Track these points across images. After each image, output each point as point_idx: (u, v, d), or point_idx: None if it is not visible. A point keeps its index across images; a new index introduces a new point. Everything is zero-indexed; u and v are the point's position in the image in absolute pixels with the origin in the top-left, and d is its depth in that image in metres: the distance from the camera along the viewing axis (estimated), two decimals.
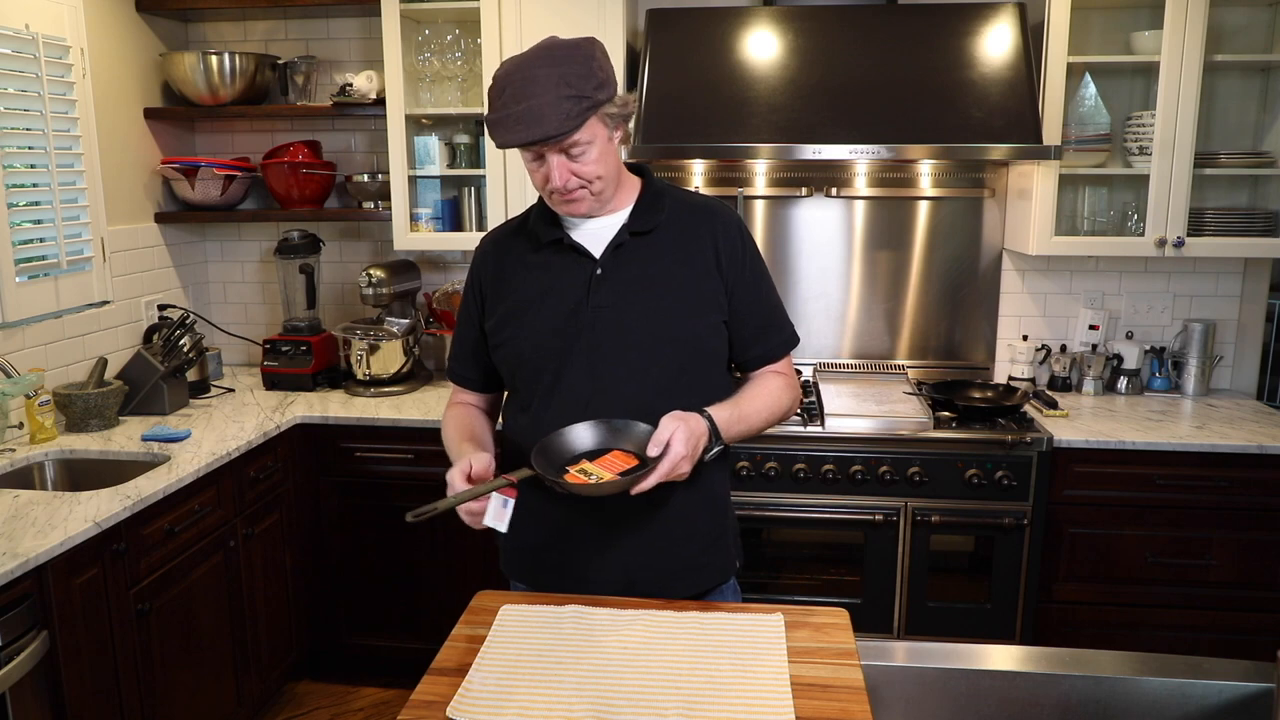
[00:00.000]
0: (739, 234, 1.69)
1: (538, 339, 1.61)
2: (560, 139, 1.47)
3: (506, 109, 1.46)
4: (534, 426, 1.60)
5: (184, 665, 2.37)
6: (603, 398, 1.58)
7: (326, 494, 2.94)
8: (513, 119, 1.45)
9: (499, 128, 1.47)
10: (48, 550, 1.88)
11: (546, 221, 1.64)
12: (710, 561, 1.71)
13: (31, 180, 2.66)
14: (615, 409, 1.56)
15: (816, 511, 2.71)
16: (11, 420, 2.55)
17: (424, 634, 2.88)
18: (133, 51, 3.10)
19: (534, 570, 1.72)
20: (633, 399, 1.57)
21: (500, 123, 1.47)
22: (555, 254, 1.63)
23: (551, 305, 1.60)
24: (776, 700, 1.32)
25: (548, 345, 1.60)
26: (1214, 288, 3.14)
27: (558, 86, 1.44)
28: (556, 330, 1.59)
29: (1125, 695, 1.50)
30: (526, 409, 1.65)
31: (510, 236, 1.70)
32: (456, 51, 3.06)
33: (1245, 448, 2.59)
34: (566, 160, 1.51)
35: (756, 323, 1.68)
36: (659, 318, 1.59)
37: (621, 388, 1.58)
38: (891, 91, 2.73)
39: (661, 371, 1.59)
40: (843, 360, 3.28)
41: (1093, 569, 2.70)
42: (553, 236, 1.62)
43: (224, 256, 3.52)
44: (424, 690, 1.37)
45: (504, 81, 1.47)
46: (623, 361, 1.58)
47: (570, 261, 1.61)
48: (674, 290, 1.61)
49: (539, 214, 1.66)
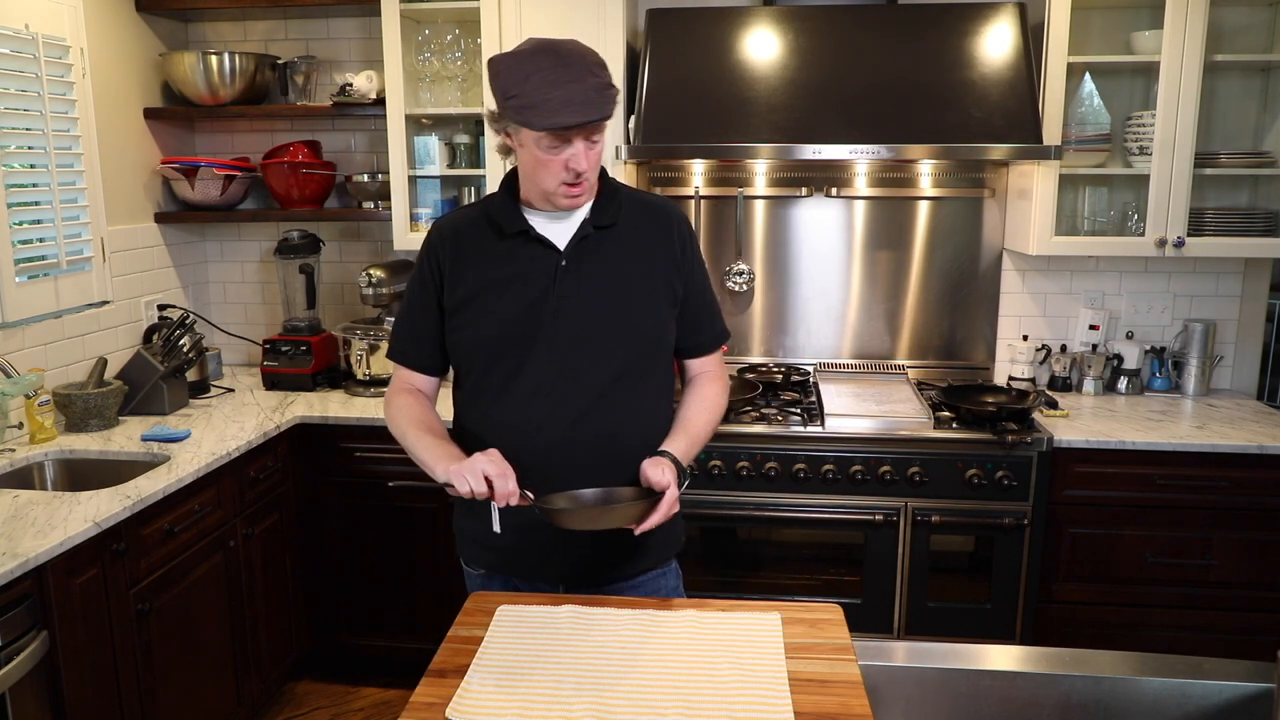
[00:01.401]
0: (689, 231, 1.79)
1: (503, 323, 1.65)
2: (601, 122, 1.54)
3: (544, 94, 1.48)
4: (496, 411, 1.67)
5: (184, 665, 2.37)
6: (565, 384, 1.64)
7: (326, 494, 2.94)
8: (560, 102, 1.48)
9: (543, 111, 1.49)
10: (48, 550, 1.88)
11: (510, 214, 1.68)
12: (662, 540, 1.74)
13: (31, 180, 2.66)
14: (575, 396, 1.64)
15: (816, 511, 2.71)
16: (11, 420, 2.55)
17: (424, 634, 2.88)
18: (132, 51, 3.10)
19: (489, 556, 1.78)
20: (593, 386, 1.64)
21: (544, 105, 1.48)
22: (520, 245, 1.67)
23: (516, 292, 1.65)
24: (775, 697, 1.32)
25: (513, 331, 1.64)
26: (1214, 288, 3.14)
27: (590, 75, 1.51)
28: (520, 317, 1.64)
29: (1125, 695, 1.50)
30: (483, 394, 1.69)
31: (468, 225, 1.72)
32: (456, 51, 3.06)
33: (1245, 448, 2.59)
34: (587, 146, 1.56)
35: (696, 314, 1.78)
36: (620, 309, 1.67)
37: (582, 376, 1.64)
38: (891, 91, 2.72)
39: (621, 361, 1.66)
40: (843, 360, 3.28)
41: (1093, 569, 2.70)
42: (519, 227, 1.67)
43: (224, 256, 3.52)
44: (423, 692, 1.37)
45: (527, 70, 1.50)
46: (585, 350, 1.64)
47: (535, 252, 1.66)
48: (633, 283, 1.69)
49: (501, 206, 1.70)
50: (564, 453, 1.64)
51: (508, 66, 1.52)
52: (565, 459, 1.64)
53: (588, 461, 1.64)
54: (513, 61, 1.52)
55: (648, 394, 1.70)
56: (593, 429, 1.65)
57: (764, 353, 3.32)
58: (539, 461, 1.63)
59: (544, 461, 1.63)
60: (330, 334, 3.27)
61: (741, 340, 3.31)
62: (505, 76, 1.52)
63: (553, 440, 1.64)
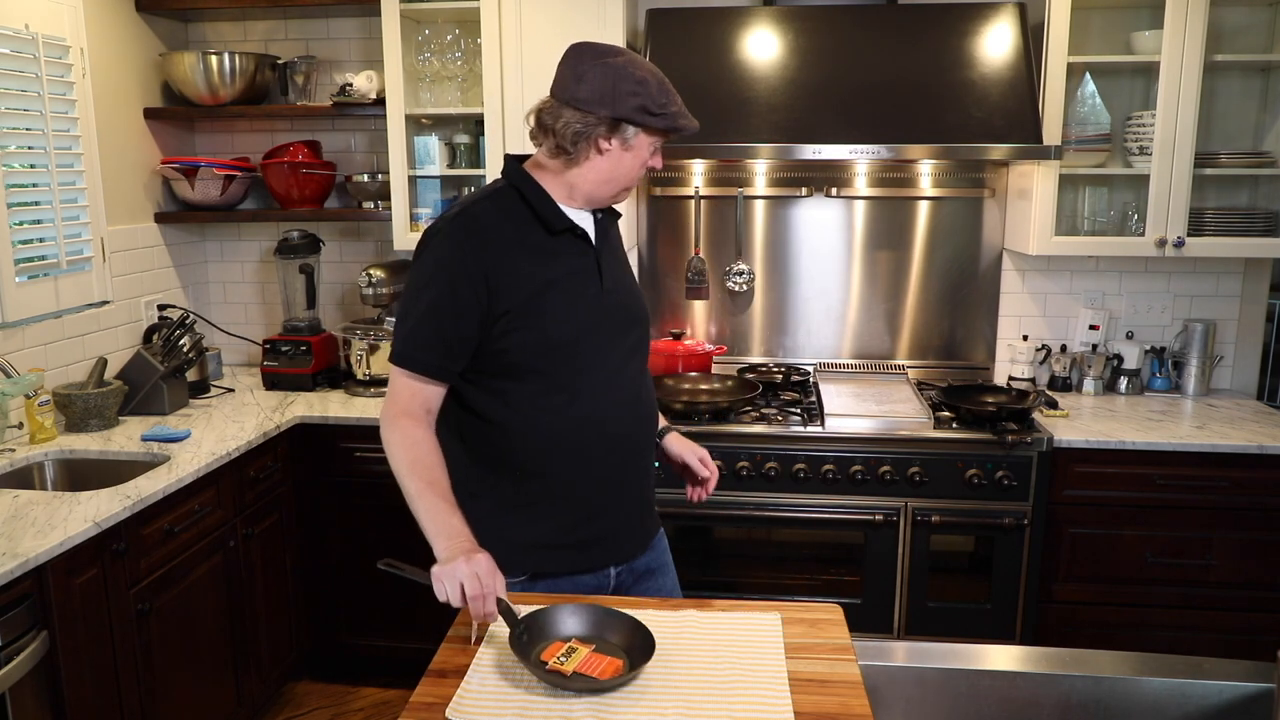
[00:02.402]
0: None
1: (573, 321, 1.65)
2: None
3: (676, 103, 1.63)
4: (571, 408, 1.65)
5: (184, 665, 2.37)
6: (623, 372, 1.72)
7: (326, 494, 2.94)
8: (685, 113, 1.64)
9: (681, 118, 1.63)
10: (47, 550, 1.88)
11: (554, 210, 1.68)
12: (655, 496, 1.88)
13: (31, 180, 2.66)
14: (630, 381, 1.72)
15: (816, 511, 2.71)
16: (11, 420, 2.55)
17: (423, 634, 2.87)
18: (133, 51, 3.10)
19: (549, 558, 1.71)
20: (639, 368, 1.76)
21: (681, 114, 1.63)
22: (566, 241, 1.68)
23: (577, 288, 1.67)
24: (775, 697, 1.32)
25: (584, 326, 1.66)
26: (1214, 288, 3.14)
27: None
28: (587, 312, 1.67)
29: (1125, 695, 1.50)
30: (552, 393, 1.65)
31: (501, 222, 1.65)
32: (456, 51, 3.06)
33: (1245, 448, 2.59)
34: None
35: None
36: (634, 291, 1.81)
37: (631, 361, 1.73)
38: (891, 91, 2.73)
39: (644, 340, 1.80)
40: (843, 360, 3.28)
41: (1093, 569, 2.70)
42: (566, 224, 1.68)
43: (224, 256, 3.52)
44: (423, 692, 1.37)
45: (661, 82, 1.62)
46: (629, 335, 1.74)
47: (577, 247, 1.70)
48: (628, 266, 1.85)
49: (541, 200, 1.66)
50: (632, 438, 1.73)
51: (652, 78, 1.60)
52: (632, 444, 1.73)
53: (643, 442, 1.77)
54: (650, 73, 1.61)
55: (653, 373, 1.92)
56: (645, 409, 1.76)
57: (764, 353, 3.32)
58: (610, 450, 1.70)
59: (615, 448, 1.70)
60: (330, 334, 3.27)
61: (741, 340, 3.31)
62: (649, 83, 1.59)
63: (623, 428, 1.71)
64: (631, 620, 1.46)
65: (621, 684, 1.34)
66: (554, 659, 1.37)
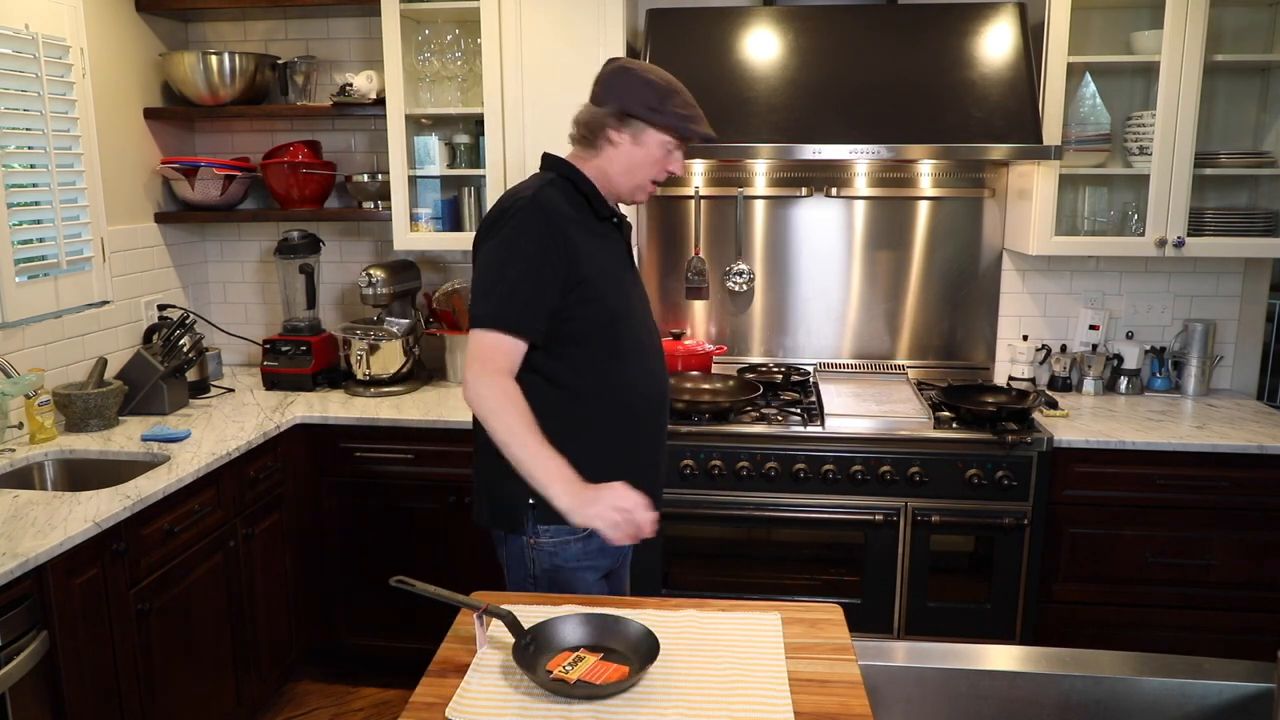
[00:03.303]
0: None
1: (621, 295, 1.88)
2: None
3: (694, 110, 1.84)
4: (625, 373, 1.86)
5: (184, 665, 2.37)
6: (653, 344, 1.96)
7: (326, 494, 2.94)
8: (700, 119, 1.85)
9: (700, 122, 1.84)
10: (48, 550, 1.88)
11: (602, 201, 1.89)
12: None
13: (31, 180, 2.66)
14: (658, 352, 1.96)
15: (816, 511, 2.71)
16: (11, 420, 2.55)
17: (424, 634, 2.86)
18: (133, 51, 3.10)
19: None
20: (657, 348, 1.98)
21: (696, 118, 1.84)
22: (610, 227, 1.92)
23: (620, 267, 1.92)
24: (775, 697, 1.32)
25: (628, 299, 1.90)
26: (1214, 288, 3.14)
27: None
28: (628, 289, 1.91)
29: (1125, 695, 1.50)
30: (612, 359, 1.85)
31: (568, 206, 1.84)
32: (456, 51, 3.06)
33: (1245, 448, 2.59)
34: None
35: None
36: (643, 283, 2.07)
37: (654, 334, 1.98)
38: (891, 91, 2.73)
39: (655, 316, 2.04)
40: (843, 360, 3.28)
41: (1093, 569, 2.70)
42: (610, 211, 1.91)
43: (224, 256, 3.52)
44: (423, 692, 1.37)
45: (674, 87, 1.84)
46: (648, 318, 1.98)
47: (616, 233, 1.94)
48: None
49: (594, 193, 1.88)
50: (664, 401, 1.99)
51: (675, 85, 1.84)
52: (663, 406, 1.99)
53: (668, 404, 2.04)
54: (671, 80, 1.84)
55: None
56: (668, 376, 2.04)
57: (764, 353, 3.32)
58: (650, 410, 1.92)
59: (656, 410, 1.94)
60: (330, 334, 3.27)
61: (741, 340, 3.31)
62: (672, 89, 1.82)
63: (660, 391, 1.96)
64: (639, 627, 1.46)
65: (621, 689, 1.34)
66: (559, 668, 1.37)
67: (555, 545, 1.85)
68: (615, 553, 1.92)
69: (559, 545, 1.85)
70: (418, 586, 1.47)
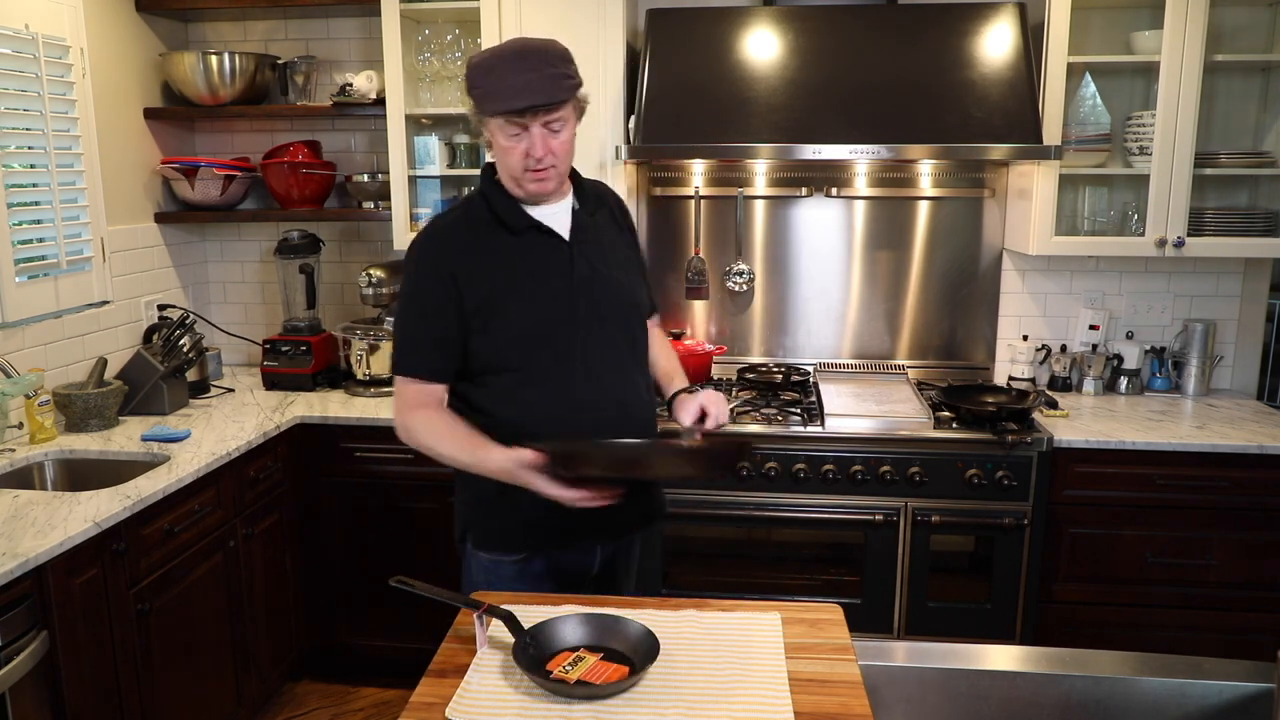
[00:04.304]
0: (626, 209, 1.97)
1: (537, 316, 1.73)
2: (554, 107, 1.64)
3: (504, 81, 1.62)
4: (544, 400, 1.74)
5: (184, 665, 2.37)
6: (601, 363, 1.77)
7: (326, 494, 2.94)
8: (513, 89, 1.61)
9: (497, 97, 1.63)
10: (48, 550, 1.88)
11: (515, 211, 1.76)
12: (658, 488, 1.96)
13: (31, 180, 2.66)
14: (609, 372, 1.78)
15: (816, 511, 2.71)
16: (11, 420, 2.55)
17: (424, 634, 2.86)
18: (133, 51, 3.10)
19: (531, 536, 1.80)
20: (619, 360, 1.79)
21: (499, 92, 1.62)
22: (532, 238, 1.76)
23: (540, 283, 1.74)
24: (775, 697, 1.32)
25: (548, 319, 1.74)
26: (1214, 288, 3.14)
27: (549, 65, 1.64)
28: (551, 306, 1.74)
29: (1125, 695, 1.50)
30: (525, 386, 1.74)
31: (467, 227, 1.77)
32: (456, 51, 3.06)
33: (1245, 448, 2.59)
34: (547, 134, 1.67)
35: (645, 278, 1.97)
36: (619, 284, 1.82)
37: (610, 353, 1.78)
38: (891, 91, 2.72)
39: (630, 332, 1.83)
40: (843, 360, 3.28)
41: (1093, 569, 2.70)
42: (526, 222, 1.75)
43: (224, 256, 3.52)
44: (423, 692, 1.37)
45: (491, 63, 1.64)
46: (608, 328, 1.78)
47: (546, 243, 1.76)
48: (619, 259, 1.85)
49: (501, 203, 1.76)
50: (611, 428, 1.76)
51: (477, 63, 1.66)
52: (614, 430, 1.76)
53: (627, 428, 1.78)
54: (483, 58, 1.66)
55: (644, 359, 1.90)
56: (626, 397, 1.80)
57: (764, 353, 3.32)
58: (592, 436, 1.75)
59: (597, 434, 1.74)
60: (330, 334, 3.27)
61: (741, 340, 3.31)
62: (473, 71, 1.66)
63: (601, 417, 1.75)
64: (639, 627, 1.46)
65: (621, 689, 1.34)
66: (559, 668, 1.37)
67: (491, 563, 1.85)
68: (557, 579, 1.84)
69: (494, 564, 1.84)
70: (418, 586, 1.47)
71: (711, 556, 2.83)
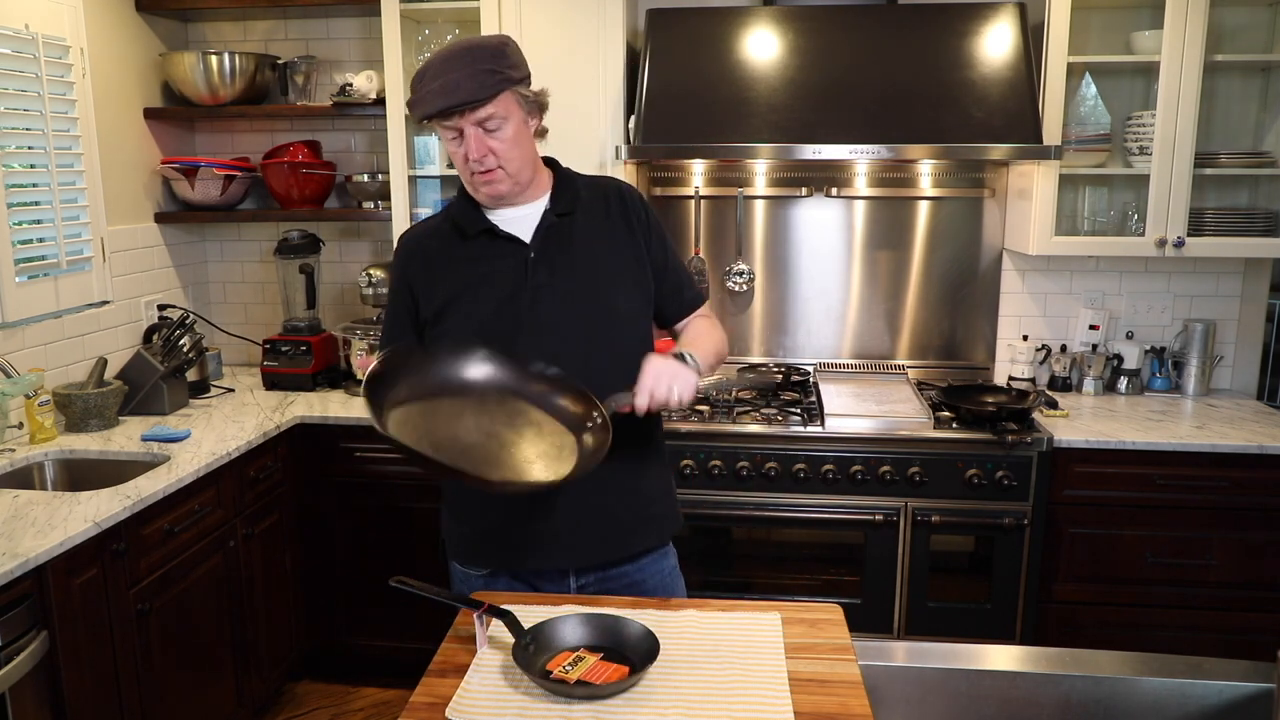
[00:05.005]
0: (643, 202, 1.82)
1: (482, 322, 1.67)
2: (475, 105, 1.57)
3: (426, 85, 1.58)
4: None
5: (184, 665, 2.37)
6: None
7: (326, 494, 2.94)
8: (432, 93, 1.56)
9: (419, 104, 1.58)
10: (47, 550, 1.88)
11: (470, 216, 1.73)
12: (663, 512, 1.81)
13: (31, 180, 2.66)
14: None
15: (816, 511, 2.71)
16: (11, 420, 2.55)
17: (424, 634, 2.86)
18: (133, 51, 3.10)
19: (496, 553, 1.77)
20: (578, 369, 1.63)
21: (421, 100, 1.58)
22: (487, 244, 1.71)
23: (490, 290, 1.69)
24: (775, 697, 1.32)
25: (493, 328, 1.66)
26: (1214, 288, 3.14)
27: (474, 63, 1.57)
28: (497, 313, 1.67)
29: (1125, 695, 1.50)
30: None
31: (433, 233, 1.77)
32: None
33: (1245, 448, 2.59)
34: (483, 134, 1.61)
35: (677, 276, 1.84)
36: (592, 290, 1.71)
37: (567, 361, 1.64)
38: (891, 91, 2.72)
39: (600, 339, 1.70)
40: (843, 360, 3.28)
41: (1093, 569, 2.70)
42: (482, 226, 1.71)
43: (224, 256, 3.52)
44: (423, 692, 1.37)
45: (423, 69, 1.59)
46: (566, 335, 1.68)
47: (502, 248, 1.71)
48: (601, 263, 1.73)
49: (461, 209, 1.74)
50: None
51: (417, 72, 1.61)
52: None
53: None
54: (421, 66, 1.61)
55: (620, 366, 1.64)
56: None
57: (764, 353, 3.32)
58: None
59: None
60: (330, 334, 3.27)
61: (741, 340, 3.31)
62: (413, 81, 1.62)
63: None
64: (639, 627, 1.45)
65: (621, 689, 1.34)
66: (559, 668, 1.37)
67: (463, 575, 1.84)
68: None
69: (465, 576, 1.83)
70: (417, 586, 1.47)
71: (711, 556, 2.83)
